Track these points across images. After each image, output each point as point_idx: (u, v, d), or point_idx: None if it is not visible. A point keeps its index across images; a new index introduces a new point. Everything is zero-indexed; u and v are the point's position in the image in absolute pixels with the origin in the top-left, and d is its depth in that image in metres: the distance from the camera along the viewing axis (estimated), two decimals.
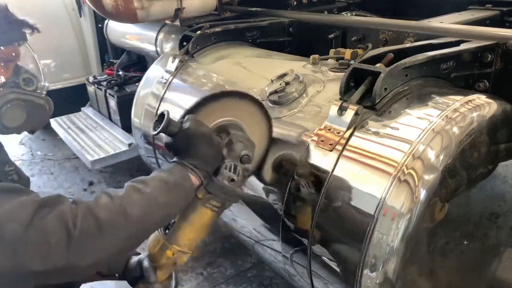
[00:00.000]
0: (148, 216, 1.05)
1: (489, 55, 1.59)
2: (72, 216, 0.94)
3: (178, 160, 1.20)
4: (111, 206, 1.00)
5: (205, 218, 1.25)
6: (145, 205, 1.05)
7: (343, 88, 1.39)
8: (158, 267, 1.26)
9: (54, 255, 0.90)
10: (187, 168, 1.17)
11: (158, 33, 3.00)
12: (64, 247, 0.91)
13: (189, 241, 1.26)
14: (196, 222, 1.25)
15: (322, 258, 1.37)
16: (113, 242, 0.99)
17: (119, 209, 1.00)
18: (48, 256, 0.90)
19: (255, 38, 2.37)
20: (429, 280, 1.42)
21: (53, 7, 3.86)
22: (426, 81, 1.48)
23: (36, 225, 0.90)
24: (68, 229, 0.92)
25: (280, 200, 1.48)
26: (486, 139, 1.34)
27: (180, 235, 1.25)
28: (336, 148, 1.34)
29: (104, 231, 0.96)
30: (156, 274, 1.26)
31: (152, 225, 1.11)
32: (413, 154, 1.20)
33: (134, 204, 1.03)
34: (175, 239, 1.25)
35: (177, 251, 1.24)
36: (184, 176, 1.16)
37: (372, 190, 1.23)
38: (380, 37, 2.01)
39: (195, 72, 2.17)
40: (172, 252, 1.24)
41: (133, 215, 1.01)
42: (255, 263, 2.65)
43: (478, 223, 1.52)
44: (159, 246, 1.25)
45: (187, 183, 1.16)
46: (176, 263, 1.26)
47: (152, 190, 1.07)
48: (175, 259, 1.25)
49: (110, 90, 3.47)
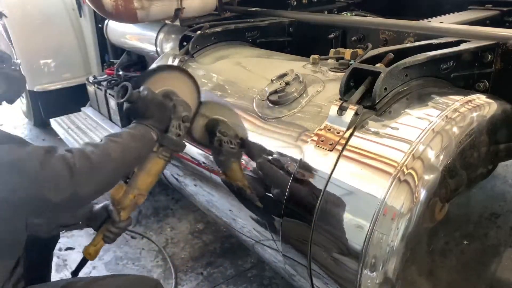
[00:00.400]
0: (125, 158, 1.39)
1: (489, 55, 1.59)
2: (71, 158, 1.24)
3: (139, 121, 1.51)
4: (97, 151, 1.32)
5: (158, 166, 1.58)
6: (121, 149, 1.38)
7: (343, 88, 1.39)
8: (122, 209, 1.54)
9: (62, 186, 1.20)
10: (147, 127, 1.50)
11: (158, 33, 3.00)
12: (69, 179, 1.21)
13: (146, 185, 1.58)
14: (152, 169, 1.57)
15: (322, 258, 1.37)
16: (103, 175, 1.31)
17: (104, 152, 1.33)
18: (58, 186, 1.20)
19: (255, 38, 2.38)
20: (429, 280, 1.42)
21: (53, 7, 3.86)
22: (426, 81, 1.48)
23: (47, 164, 1.19)
24: (70, 167, 1.22)
25: (280, 200, 1.48)
26: (486, 139, 1.34)
27: (139, 181, 1.56)
28: (336, 148, 1.34)
29: (95, 167, 1.28)
30: (120, 214, 1.54)
31: (128, 164, 1.45)
32: (413, 154, 1.20)
33: (113, 149, 1.36)
34: (136, 185, 1.56)
35: (138, 194, 1.56)
36: (147, 130, 1.49)
37: (372, 190, 1.23)
38: (380, 37, 2.02)
39: (195, 72, 2.16)
40: (133, 195, 1.55)
41: (114, 156, 1.34)
42: (255, 263, 2.65)
43: (478, 223, 1.52)
44: (122, 191, 1.53)
45: (148, 135, 1.49)
46: (137, 203, 1.56)
47: (124, 139, 1.41)
48: (136, 200, 1.55)
49: (110, 90, 3.47)
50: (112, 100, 3.44)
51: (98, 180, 1.30)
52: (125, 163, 1.42)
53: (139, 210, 3.31)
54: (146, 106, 1.50)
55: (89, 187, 1.27)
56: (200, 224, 3.10)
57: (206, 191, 2.04)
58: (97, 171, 1.29)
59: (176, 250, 2.85)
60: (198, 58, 2.22)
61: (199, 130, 1.77)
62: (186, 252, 2.82)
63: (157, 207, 3.35)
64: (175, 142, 1.58)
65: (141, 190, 1.57)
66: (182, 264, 2.72)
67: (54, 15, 3.84)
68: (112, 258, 2.81)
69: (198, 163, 1.92)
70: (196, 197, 2.22)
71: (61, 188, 1.20)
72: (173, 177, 2.32)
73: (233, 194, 1.77)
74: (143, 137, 1.48)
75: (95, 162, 1.28)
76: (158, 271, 2.67)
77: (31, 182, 1.18)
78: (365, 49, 1.77)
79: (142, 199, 1.58)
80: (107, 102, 3.52)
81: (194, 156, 1.89)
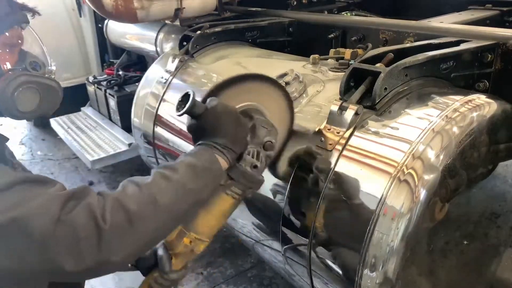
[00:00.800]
0: (178, 204, 1.02)
1: (489, 55, 1.59)
2: (100, 209, 0.89)
3: (204, 142, 1.15)
4: (139, 195, 0.95)
5: (225, 206, 1.22)
6: (174, 193, 1.01)
7: (343, 88, 1.39)
8: (174, 255, 1.21)
9: (85, 251, 0.86)
10: (215, 149, 1.13)
11: (158, 33, 3.00)
12: (95, 242, 0.86)
13: (207, 228, 1.22)
14: (216, 209, 1.22)
15: (322, 258, 1.37)
16: (144, 234, 0.95)
17: (148, 198, 0.95)
18: (79, 253, 0.86)
19: (255, 38, 2.37)
20: (429, 280, 1.42)
21: (53, 7, 3.86)
22: (426, 81, 1.48)
23: (65, 219, 0.85)
24: (98, 223, 0.87)
25: (280, 199, 1.48)
26: (486, 139, 1.34)
27: (198, 222, 1.21)
28: (336, 148, 1.33)
29: (134, 223, 0.92)
30: (171, 262, 1.21)
31: (182, 213, 1.06)
32: (413, 154, 1.20)
33: (163, 192, 0.98)
34: (194, 227, 1.20)
35: (195, 239, 1.20)
36: (212, 159, 1.11)
37: (372, 190, 1.22)
38: (380, 37, 2.01)
39: (195, 72, 2.17)
40: (189, 240, 1.20)
41: (163, 204, 0.97)
42: (255, 263, 2.65)
43: (478, 223, 1.52)
44: (176, 233, 1.20)
45: (215, 166, 1.11)
46: (194, 251, 1.22)
47: (180, 176, 1.03)
48: (193, 247, 1.21)
49: (110, 90, 3.47)
50: (112, 100, 3.44)
51: (135, 241, 0.93)
52: (175, 214, 1.04)
53: None
54: (215, 120, 1.14)
55: (124, 251, 0.91)
56: None
57: None
58: (136, 228, 0.92)
59: None
60: (198, 58, 2.22)
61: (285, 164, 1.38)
62: None
63: None
64: (249, 175, 1.20)
65: (200, 235, 1.21)
66: None
67: (54, 15, 3.84)
68: None
69: None
70: None
71: (83, 255, 0.86)
72: None
73: None
74: (207, 170, 1.09)
75: (134, 214, 0.92)
76: None
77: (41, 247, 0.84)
78: (365, 49, 1.77)
79: (201, 246, 1.23)
80: (107, 102, 3.52)
81: None
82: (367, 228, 1.20)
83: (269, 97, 1.35)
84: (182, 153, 2.05)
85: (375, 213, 1.19)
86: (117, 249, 0.89)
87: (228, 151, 1.14)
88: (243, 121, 1.20)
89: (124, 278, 2.61)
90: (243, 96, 1.28)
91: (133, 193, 0.95)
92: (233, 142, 1.15)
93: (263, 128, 1.25)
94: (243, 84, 1.30)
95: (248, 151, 1.21)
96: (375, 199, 1.20)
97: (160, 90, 2.21)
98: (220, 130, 1.14)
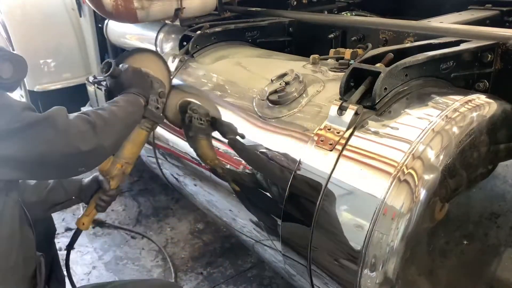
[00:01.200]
0: (127, 118, 1.51)
1: (489, 55, 1.59)
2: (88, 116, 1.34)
3: (126, 91, 1.59)
4: (105, 113, 1.41)
5: (142, 136, 1.68)
6: (122, 112, 1.48)
7: (343, 88, 1.39)
8: (111, 178, 1.63)
9: (89, 137, 1.30)
10: (135, 94, 1.59)
11: (158, 33, 3.00)
12: (92, 132, 1.31)
13: (132, 154, 1.66)
14: (136, 140, 1.66)
15: (322, 258, 1.38)
16: (115, 130, 1.42)
17: (112, 113, 1.43)
18: (86, 138, 1.29)
19: (255, 38, 2.38)
20: (429, 280, 1.42)
21: (53, 7, 3.86)
22: (426, 81, 1.48)
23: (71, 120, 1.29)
24: (90, 123, 1.32)
25: (280, 199, 1.48)
26: (486, 139, 1.34)
27: (125, 151, 1.64)
28: (336, 148, 1.34)
29: (110, 124, 1.39)
30: (110, 183, 1.63)
31: (131, 124, 1.57)
32: (413, 154, 1.20)
33: (116, 111, 1.45)
34: (122, 155, 1.64)
35: (124, 163, 1.64)
36: (136, 97, 1.59)
37: (372, 190, 1.23)
38: (380, 37, 2.01)
39: (195, 72, 2.17)
40: (121, 165, 1.63)
41: (119, 116, 1.45)
42: (255, 263, 2.65)
43: (478, 223, 1.52)
44: (110, 162, 1.62)
45: (139, 102, 1.59)
46: (124, 172, 1.65)
47: (122, 105, 1.51)
48: (124, 170, 1.64)
49: None
50: None
51: (115, 133, 1.42)
52: (129, 123, 1.54)
53: (139, 210, 3.31)
54: (130, 77, 1.62)
55: (110, 138, 1.39)
56: (200, 224, 3.10)
57: (206, 191, 2.04)
58: (112, 127, 1.41)
59: (176, 250, 2.85)
60: (198, 58, 2.22)
61: (173, 108, 1.88)
62: (186, 252, 2.82)
63: (157, 207, 3.35)
64: (156, 114, 1.68)
65: (127, 159, 1.66)
66: (182, 264, 2.72)
67: (54, 15, 3.83)
68: (112, 258, 2.81)
69: (198, 163, 1.92)
70: (196, 197, 2.22)
71: (88, 139, 1.29)
72: (173, 177, 2.32)
73: (233, 194, 1.77)
74: (136, 103, 1.58)
75: (108, 120, 1.39)
76: (158, 271, 2.67)
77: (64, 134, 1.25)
78: (365, 49, 1.77)
79: (129, 168, 1.67)
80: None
81: (194, 156, 1.89)
82: (367, 228, 1.20)
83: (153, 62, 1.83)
84: (182, 153, 2.07)
85: (375, 213, 1.19)
86: (106, 137, 1.36)
87: (142, 96, 1.61)
88: (146, 77, 1.68)
89: (124, 278, 2.61)
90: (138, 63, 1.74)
91: (100, 112, 1.40)
92: (143, 90, 1.63)
93: (157, 82, 1.71)
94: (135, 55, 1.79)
95: (151, 98, 1.67)
96: (375, 199, 1.21)
97: None
98: (133, 83, 1.62)
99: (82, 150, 1.28)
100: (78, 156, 1.30)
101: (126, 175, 1.68)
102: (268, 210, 1.61)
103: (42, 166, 1.28)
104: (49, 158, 1.25)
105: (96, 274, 2.66)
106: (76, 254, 2.81)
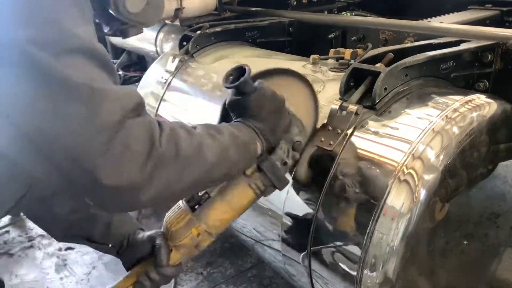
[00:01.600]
0: (218, 165, 0.95)
1: (489, 55, 1.59)
2: (159, 131, 0.83)
3: (244, 121, 1.07)
4: (190, 141, 0.90)
5: (244, 199, 1.11)
6: (217, 153, 0.94)
7: (343, 88, 1.39)
8: (175, 247, 1.08)
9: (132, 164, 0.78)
10: (255, 133, 1.06)
11: (158, 33, 3.00)
12: (144, 159, 0.79)
13: (219, 222, 1.09)
14: (234, 200, 1.10)
15: (322, 257, 1.37)
16: (182, 177, 0.88)
17: (197, 147, 0.91)
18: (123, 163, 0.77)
19: (255, 38, 2.37)
20: (429, 280, 1.42)
21: None
22: (426, 81, 1.48)
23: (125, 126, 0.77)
24: (153, 142, 0.81)
25: (280, 199, 1.48)
26: (486, 139, 1.34)
27: (212, 213, 1.08)
28: (336, 148, 1.34)
29: (180, 161, 0.86)
30: (171, 255, 1.08)
31: (217, 177, 0.99)
32: (413, 154, 1.20)
33: (208, 148, 0.93)
34: (206, 217, 1.07)
35: (204, 232, 1.06)
36: (252, 136, 1.05)
37: (372, 190, 1.23)
38: (380, 37, 2.02)
39: (195, 72, 2.17)
40: (198, 232, 1.06)
41: (207, 158, 0.92)
42: (255, 263, 2.65)
43: (478, 223, 1.52)
44: (184, 221, 1.06)
45: (253, 145, 1.04)
46: (198, 246, 1.08)
47: (224, 140, 0.97)
48: (198, 242, 1.06)
49: None
50: None
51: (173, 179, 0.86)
52: (216, 172, 0.96)
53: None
54: (261, 103, 1.07)
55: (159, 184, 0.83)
56: None
57: None
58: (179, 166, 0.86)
59: None
60: (198, 58, 2.22)
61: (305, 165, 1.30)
62: None
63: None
64: (278, 171, 1.11)
65: (211, 228, 1.08)
66: None
67: None
68: (112, 258, 2.79)
69: None
70: None
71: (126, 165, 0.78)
72: None
73: None
74: (246, 146, 1.03)
75: (183, 153, 0.87)
76: None
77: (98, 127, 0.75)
78: (365, 49, 1.77)
79: (207, 241, 1.09)
80: None
81: None
82: (367, 228, 1.20)
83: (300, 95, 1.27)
84: None
85: (375, 213, 1.19)
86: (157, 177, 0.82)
87: (264, 138, 1.07)
88: (285, 113, 1.13)
89: None
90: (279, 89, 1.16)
91: (185, 136, 0.90)
92: (271, 131, 1.08)
93: (297, 127, 1.18)
94: (282, 78, 1.25)
95: (280, 146, 1.13)
96: (375, 199, 1.20)
97: (160, 90, 2.21)
98: (262, 114, 1.07)
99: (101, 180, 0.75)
100: (88, 183, 0.77)
101: (199, 250, 1.10)
102: (268, 210, 1.60)
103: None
104: (47, 157, 0.76)
105: (96, 274, 2.66)
106: (76, 254, 2.80)
